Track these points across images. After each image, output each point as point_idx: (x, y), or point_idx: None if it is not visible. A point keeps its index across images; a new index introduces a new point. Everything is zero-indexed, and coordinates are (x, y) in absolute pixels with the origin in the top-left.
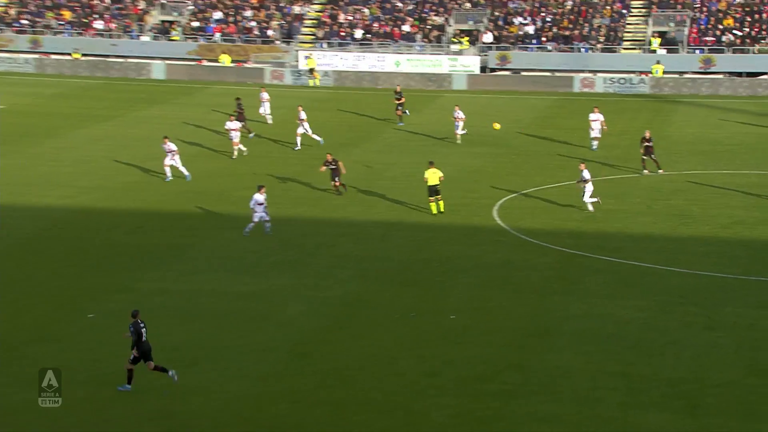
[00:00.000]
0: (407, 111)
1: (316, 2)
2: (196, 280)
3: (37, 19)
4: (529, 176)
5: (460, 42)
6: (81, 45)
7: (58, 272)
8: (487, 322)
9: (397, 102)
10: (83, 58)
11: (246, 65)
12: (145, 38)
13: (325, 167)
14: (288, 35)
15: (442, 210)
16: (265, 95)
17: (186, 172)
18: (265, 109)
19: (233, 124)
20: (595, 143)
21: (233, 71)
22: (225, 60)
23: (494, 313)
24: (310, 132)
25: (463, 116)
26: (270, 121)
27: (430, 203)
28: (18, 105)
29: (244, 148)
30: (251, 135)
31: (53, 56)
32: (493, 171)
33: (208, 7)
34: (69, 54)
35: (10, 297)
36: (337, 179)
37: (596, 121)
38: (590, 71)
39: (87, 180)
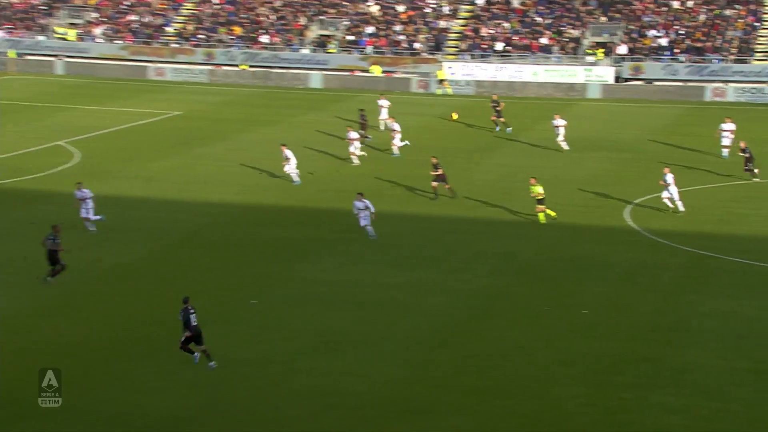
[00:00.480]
0: (509, 129)
1: (460, 17)
2: (347, 271)
3: (211, 34)
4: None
5: (595, 53)
6: (248, 57)
7: (223, 262)
8: (618, 317)
9: (495, 110)
10: (250, 69)
11: (394, 75)
12: (304, 51)
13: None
14: (434, 48)
15: (553, 215)
16: (384, 102)
17: (296, 179)
18: (383, 116)
19: (353, 134)
20: (725, 151)
21: (382, 81)
22: (375, 70)
23: (624, 309)
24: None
25: (564, 123)
26: (382, 128)
27: (538, 213)
28: (192, 111)
29: (360, 154)
30: (368, 138)
31: (224, 67)
32: (624, 175)
33: (362, 22)
34: (237, 65)
35: (180, 284)
36: (443, 183)
37: (728, 130)
38: (722, 81)
39: (250, 179)
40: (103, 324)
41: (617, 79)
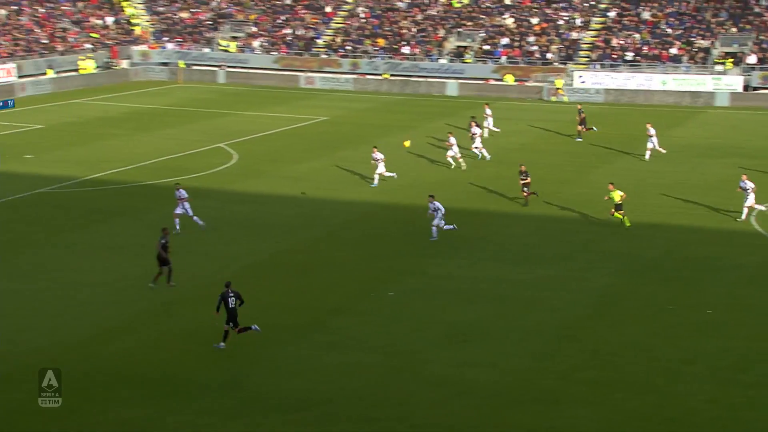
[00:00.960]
0: (594, 127)
1: (592, 29)
2: (477, 268)
3: (357, 46)
4: None
5: (724, 63)
6: (390, 67)
7: (361, 256)
8: (744, 317)
9: (579, 119)
10: (391, 78)
11: (526, 84)
12: (442, 61)
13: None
14: (565, 58)
15: (627, 224)
16: (488, 111)
17: (376, 182)
18: (489, 123)
19: (452, 139)
20: None
21: (515, 89)
22: (509, 79)
23: (751, 309)
24: (477, 146)
25: (653, 132)
26: (486, 134)
27: (617, 215)
28: (337, 116)
29: (456, 160)
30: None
31: (368, 76)
32: (752, 180)
33: (497, 34)
34: (380, 74)
35: (322, 275)
36: (526, 189)
37: None
38: None
39: (389, 180)
40: (251, 311)
41: (746, 87)
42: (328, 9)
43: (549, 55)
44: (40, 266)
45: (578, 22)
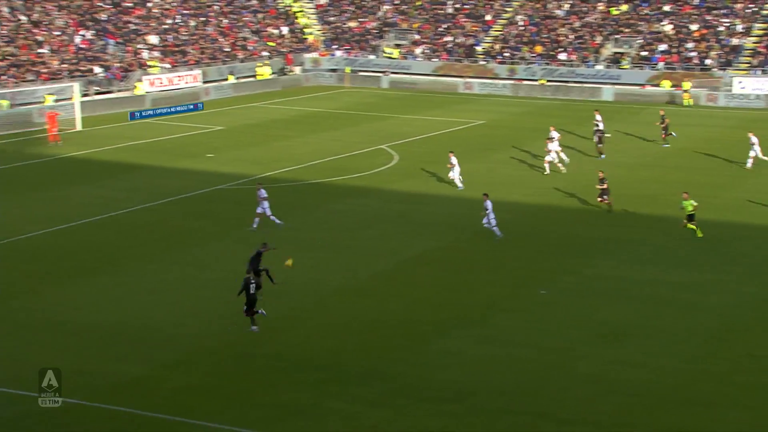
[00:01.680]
0: (673, 133)
1: (753, 35)
2: (633, 269)
3: (515, 53)
4: None
5: None
6: (547, 73)
7: (516, 254)
8: None
9: (661, 126)
10: (548, 84)
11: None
12: (599, 67)
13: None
14: (724, 64)
15: (699, 234)
16: (599, 117)
17: (460, 185)
18: (600, 127)
19: (553, 145)
20: None
21: (670, 95)
22: (665, 85)
23: None
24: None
25: (756, 140)
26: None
27: (689, 225)
28: (494, 120)
29: (563, 162)
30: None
31: (524, 82)
32: None
33: (655, 40)
34: (536, 80)
35: (473, 273)
36: (605, 197)
37: None
38: None
39: (543, 182)
40: (401, 305)
41: None
42: (488, 17)
43: (708, 61)
44: (214, 257)
45: (739, 28)
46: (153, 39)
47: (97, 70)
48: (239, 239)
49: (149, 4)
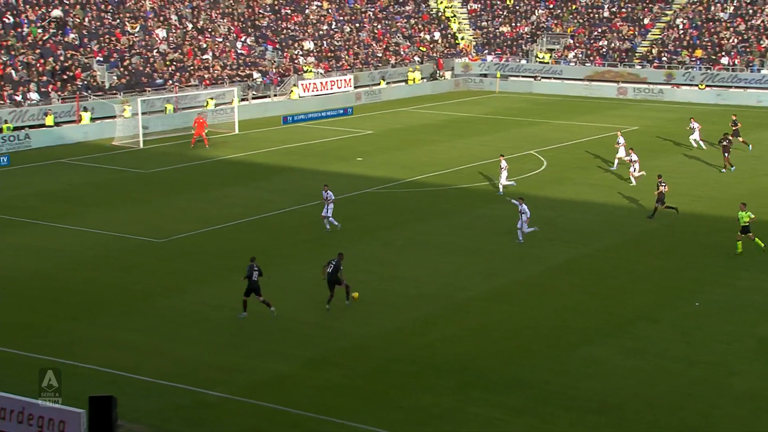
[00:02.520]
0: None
1: None
2: None
3: (673, 57)
4: None
5: None
6: (707, 78)
7: (665, 265)
8: None
9: (734, 129)
10: (706, 89)
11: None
12: (765, 71)
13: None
14: None
15: (762, 246)
16: (695, 125)
17: (500, 191)
18: (696, 136)
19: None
20: None
21: None
22: None
23: None
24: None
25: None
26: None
27: (744, 238)
28: (647, 126)
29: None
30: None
31: (683, 87)
32: None
33: None
34: (696, 85)
35: (621, 281)
36: (661, 204)
37: None
38: None
39: (700, 190)
40: (544, 312)
41: None
42: (646, 21)
43: None
44: (360, 259)
45: None
46: (309, 45)
47: (255, 75)
48: (384, 242)
49: (307, 11)
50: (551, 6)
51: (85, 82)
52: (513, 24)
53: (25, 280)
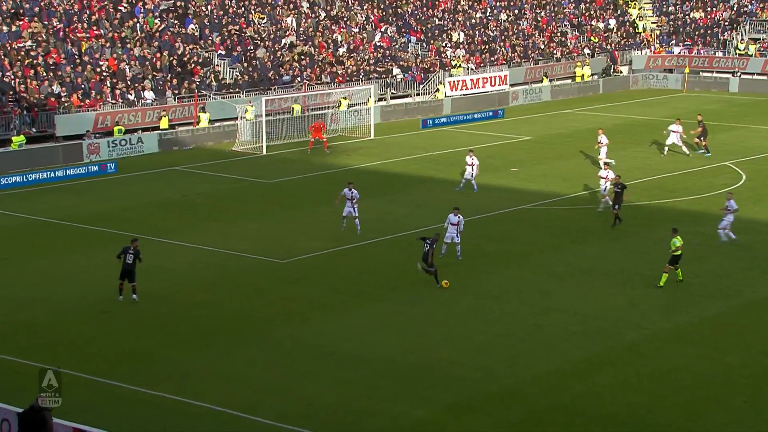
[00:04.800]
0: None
1: None
2: None
3: None
4: None
5: None
6: None
7: None
8: None
9: (697, 132)
10: None
11: None
12: None
13: None
14: None
15: (680, 278)
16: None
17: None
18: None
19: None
20: None
21: None
22: None
23: None
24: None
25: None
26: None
27: (664, 273)
28: None
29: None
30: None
31: None
32: None
33: None
34: None
35: None
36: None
37: None
38: None
39: None
40: (740, 357)
41: None
42: None
43: None
44: (510, 288)
45: None
46: (458, 35)
47: (395, 71)
48: (539, 267)
49: None
50: None
51: (206, 79)
52: (708, 9)
53: (130, 303)
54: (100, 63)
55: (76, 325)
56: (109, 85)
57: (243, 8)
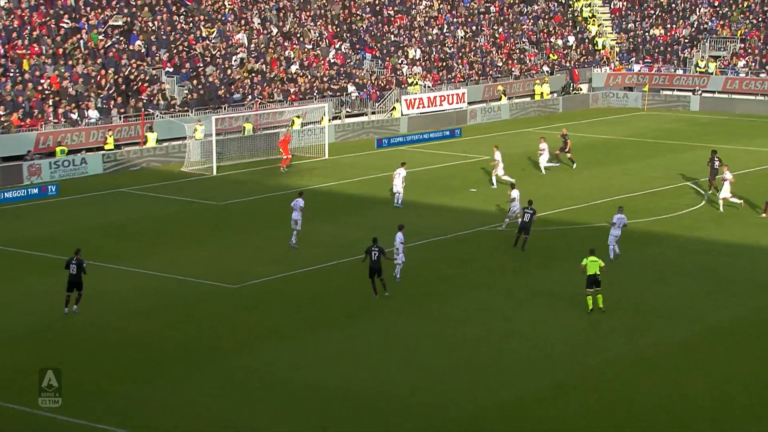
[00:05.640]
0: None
1: None
2: None
3: None
4: None
5: None
6: None
7: None
8: None
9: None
10: None
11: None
12: None
13: None
14: None
15: (600, 305)
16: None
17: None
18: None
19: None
20: None
21: None
22: None
23: None
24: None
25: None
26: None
27: (587, 296)
28: None
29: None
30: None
31: None
32: None
33: None
34: None
35: None
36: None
37: None
38: None
39: None
40: (704, 383)
41: None
42: None
43: None
44: (472, 311)
45: None
46: (415, 52)
47: (350, 89)
48: (501, 291)
49: (414, 12)
50: (716, 3)
51: (153, 98)
52: (668, 26)
53: (74, 332)
54: (42, 81)
55: (16, 355)
56: (51, 103)
57: (191, 24)
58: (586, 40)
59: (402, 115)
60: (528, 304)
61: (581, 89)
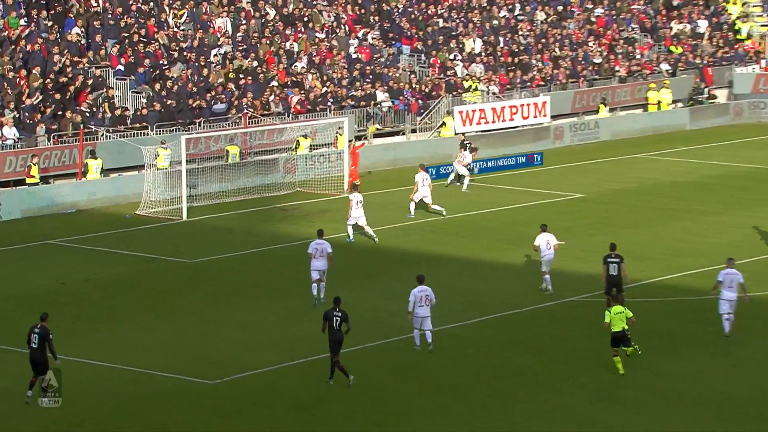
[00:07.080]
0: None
1: None
2: None
3: None
4: None
5: None
6: None
7: None
8: None
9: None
10: None
11: None
12: None
13: None
14: None
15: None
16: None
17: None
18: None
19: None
20: None
21: None
22: None
23: None
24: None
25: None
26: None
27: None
28: None
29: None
30: None
31: None
32: None
33: None
34: None
35: None
36: None
37: None
38: None
39: None
40: None
41: None
42: None
43: None
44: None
45: None
46: (474, 44)
47: (380, 96)
48: (583, 384)
49: None
50: None
51: (96, 109)
52: None
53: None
54: None
55: None
56: None
57: (152, 3)
58: (724, 26)
59: (455, 134)
60: (644, 408)
61: (717, 97)
